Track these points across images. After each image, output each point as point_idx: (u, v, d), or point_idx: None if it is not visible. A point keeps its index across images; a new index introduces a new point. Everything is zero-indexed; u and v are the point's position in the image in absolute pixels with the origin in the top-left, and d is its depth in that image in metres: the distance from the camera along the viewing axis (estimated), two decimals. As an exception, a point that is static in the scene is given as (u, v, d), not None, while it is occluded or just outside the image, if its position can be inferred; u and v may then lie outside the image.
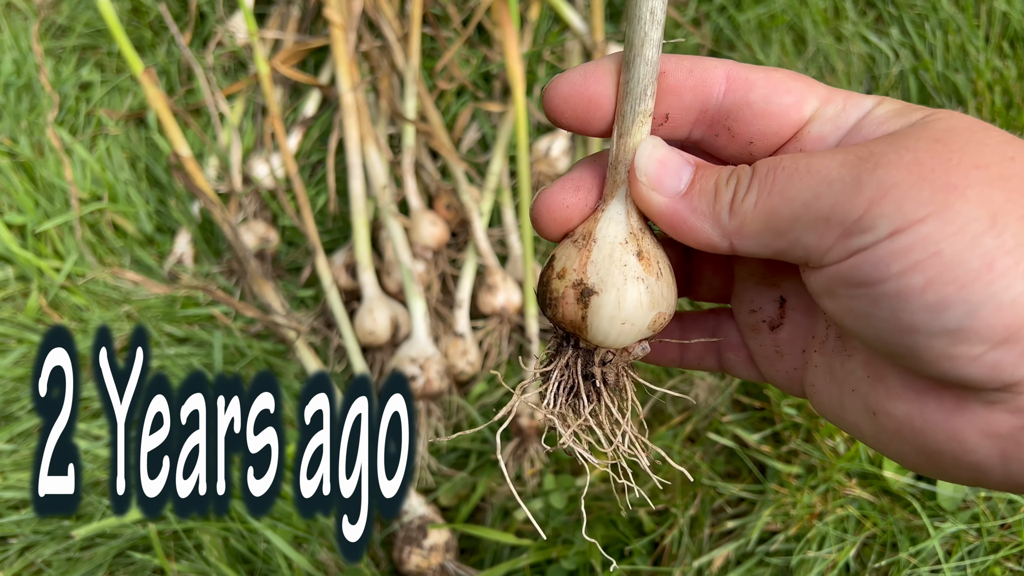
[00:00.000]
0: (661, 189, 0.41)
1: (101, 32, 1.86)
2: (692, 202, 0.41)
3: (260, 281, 1.41)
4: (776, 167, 0.38)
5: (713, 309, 0.52)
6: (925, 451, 0.38)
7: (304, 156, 1.64)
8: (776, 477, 1.13)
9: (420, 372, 1.27)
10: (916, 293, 0.33)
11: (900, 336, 0.35)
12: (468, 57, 1.71)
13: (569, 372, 0.46)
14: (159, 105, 1.42)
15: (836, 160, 0.36)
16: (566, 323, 0.44)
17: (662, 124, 0.43)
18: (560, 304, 0.44)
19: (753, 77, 0.41)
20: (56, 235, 1.55)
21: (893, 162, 0.34)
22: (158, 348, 1.39)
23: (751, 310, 0.48)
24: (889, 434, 0.39)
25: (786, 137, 0.42)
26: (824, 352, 0.44)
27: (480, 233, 1.43)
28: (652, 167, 0.41)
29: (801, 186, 0.36)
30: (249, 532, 1.17)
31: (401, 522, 1.19)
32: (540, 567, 1.13)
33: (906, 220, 0.33)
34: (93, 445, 1.27)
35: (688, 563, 1.08)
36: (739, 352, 0.50)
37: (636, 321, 0.43)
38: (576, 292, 0.43)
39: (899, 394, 0.38)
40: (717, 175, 0.40)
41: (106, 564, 1.17)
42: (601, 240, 0.43)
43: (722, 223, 0.39)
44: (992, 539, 1.04)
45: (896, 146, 0.35)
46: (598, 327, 0.43)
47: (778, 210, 0.37)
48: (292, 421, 1.31)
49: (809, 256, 0.37)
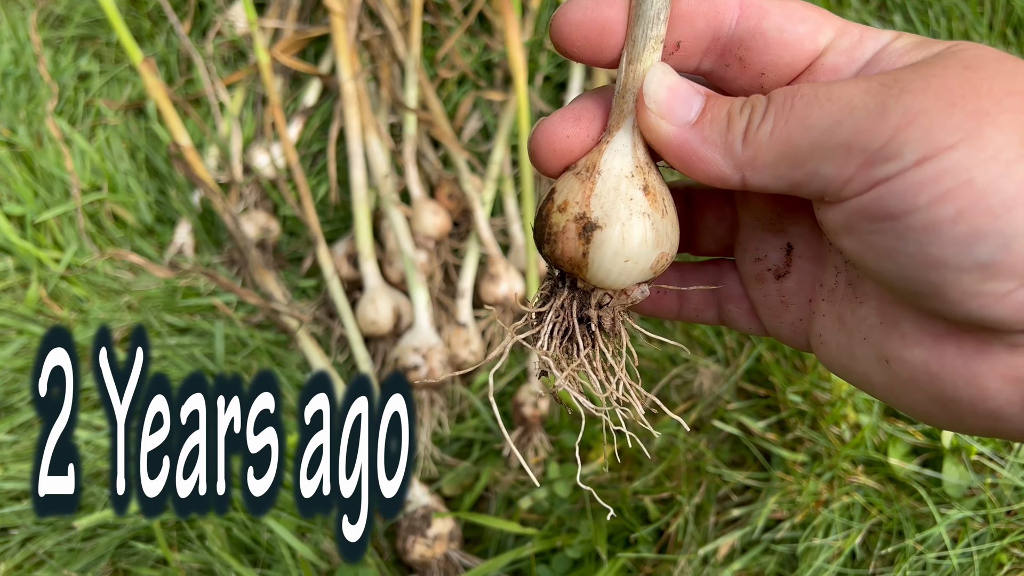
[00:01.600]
0: (671, 117, 0.39)
1: (100, 22, 1.85)
2: (703, 131, 0.39)
3: (261, 271, 1.40)
4: (794, 94, 0.36)
5: (714, 260, 0.50)
6: (941, 399, 0.36)
7: (305, 145, 1.64)
8: (781, 465, 1.13)
9: (423, 362, 1.26)
10: (946, 225, 0.31)
11: (926, 272, 0.33)
12: (469, 45, 1.70)
13: (564, 314, 0.44)
14: (159, 95, 1.41)
15: (859, 87, 0.34)
16: (565, 260, 0.42)
17: (673, 53, 0.41)
18: (560, 239, 0.41)
19: (768, 4, 0.40)
20: (55, 225, 1.54)
21: (920, 88, 0.33)
22: (159, 338, 1.38)
23: (756, 258, 0.46)
24: (903, 383, 0.38)
25: (799, 69, 0.40)
26: (833, 300, 0.42)
27: (482, 222, 1.42)
28: (662, 94, 0.39)
29: (821, 113, 0.35)
30: (252, 522, 1.16)
31: (405, 512, 1.19)
32: (545, 556, 1.13)
33: (935, 147, 0.31)
34: (95, 435, 1.26)
35: (693, 551, 1.08)
36: (741, 304, 0.48)
37: (640, 259, 0.40)
38: (578, 226, 0.41)
39: (915, 340, 0.37)
40: (730, 104, 0.39)
41: (108, 555, 1.17)
42: (606, 172, 0.41)
43: (734, 153, 0.38)
44: (998, 526, 1.03)
45: (923, 73, 0.34)
46: (600, 264, 0.41)
47: (796, 138, 0.35)
48: (292, 410, 1.30)
49: (827, 188, 0.35)
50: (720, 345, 1.24)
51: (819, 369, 1.16)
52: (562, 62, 1.67)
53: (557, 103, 1.65)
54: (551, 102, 1.65)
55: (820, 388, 1.14)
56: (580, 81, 1.59)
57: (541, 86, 1.66)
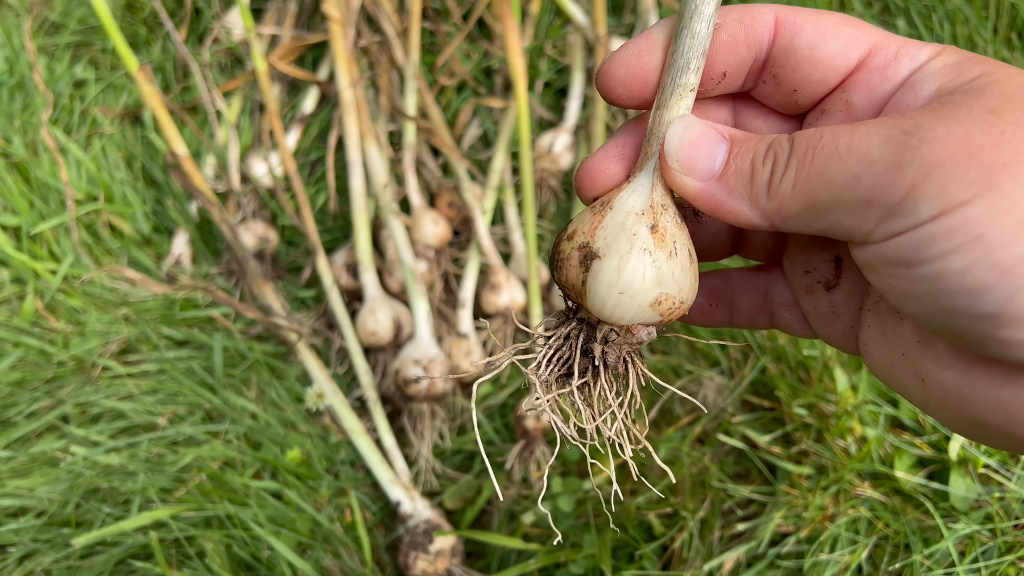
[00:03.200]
0: (694, 173, 0.40)
1: (95, 29, 1.84)
2: (728, 184, 0.39)
3: (260, 282, 1.38)
4: (815, 145, 0.36)
5: (764, 266, 0.51)
6: (973, 421, 0.37)
7: (303, 154, 1.62)
8: (787, 478, 1.12)
9: (424, 373, 1.25)
10: (955, 277, 0.32)
11: (941, 317, 0.34)
12: (469, 52, 1.69)
13: (568, 344, 0.45)
14: (155, 103, 1.40)
15: (879, 136, 0.34)
16: (568, 287, 0.43)
17: (720, 82, 0.42)
18: (564, 266, 0.43)
19: (801, 21, 0.40)
20: (51, 237, 1.53)
21: (940, 138, 0.33)
22: (156, 352, 1.37)
23: (805, 271, 0.47)
24: (937, 401, 0.38)
25: (831, 85, 0.41)
26: (878, 312, 0.42)
27: (483, 231, 1.41)
28: (684, 152, 0.40)
29: (840, 167, 0.35)
30: (252, 539, 1.15)
31: (407, 527, 1.17)
32: (548, 571, 1.12)
33: (949, 203, 0.32)
34: (92, 451, 1.25)
35: (698, 566, 1.07)
36: (793, 311, 0.49)
37: (635, 294, 0.41)
38: (580, 255, 0.42)
39: (947, 363, 0.37)
40: (753, 152, 0.39)
41: (107, 573, 1.16)
42: (617, 207, 0.42)
43: (760, 204, 0.38)
44: (1006, 539, 1.02)
45: (945, 119, 0.33)
46: (595, 293, 0.41)
47: (817, 192, 0.36)
48: (292, 424, 1.29)
49: (851, 236, 0.36)
50: (725, 357, 1.23)
51: (824, 382, 1.15)
52: (562, 68, 1.65)
53: (558, 109, 1.63)
54: (552, 108, 1.64)
55: (826, 400, 1.13)
56: (581, 87, 1.58)
57: (542, 92, 1.64)
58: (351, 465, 1.27)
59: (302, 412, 1.30)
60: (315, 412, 1.30)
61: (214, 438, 1.27)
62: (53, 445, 1.27)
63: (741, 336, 1.23)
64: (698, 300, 0.50)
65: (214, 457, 1.24)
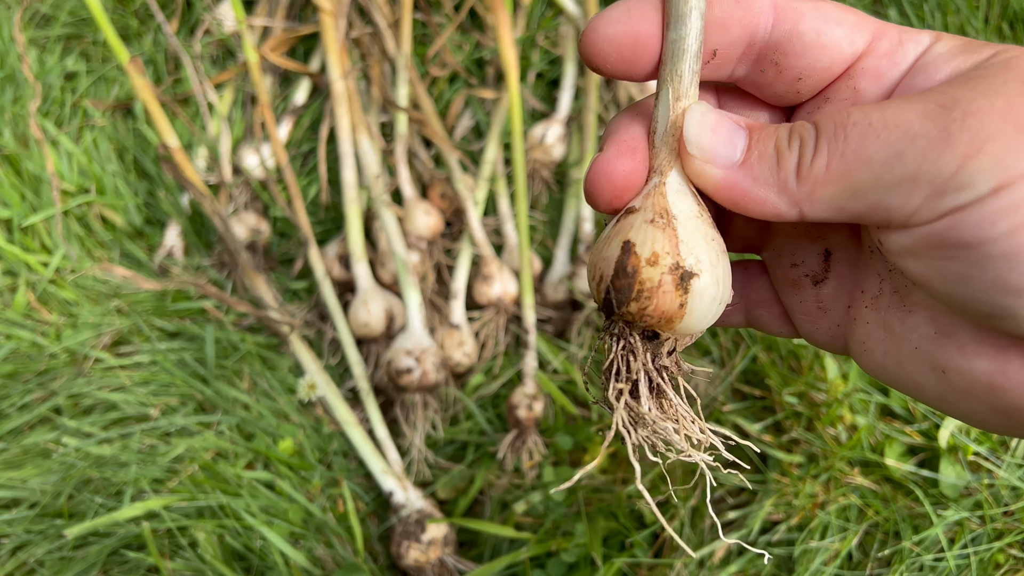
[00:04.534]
0: (716, 160, 0.38)
1: (86, 21, 1.83)
2: (752, 171, 0.37)
3: (252, 273, 1.38)
4: (844, 123, 0.35)
5: (741, 261, 0.48)
6: (1003, 409, 0.35)
7: (295, 145, 1.62)
8: (778, 467, 1.12)
9: (416, 364, 1.25)
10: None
11: (1003, 297, 0.32)
12: (460, 43, 1.69)
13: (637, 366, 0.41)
14: (146, 95, 1.39)
15: (915, 111, 0.33)
16: (657, 315, 0.39)
17: (708, 63, 0.40)
18: (655, 294, 0.38)
19: (802, 7, 0.38)
20: (43, 229, 1.52)
21: (984, 109, 0.31)
22: (148, 343, 1.37)
23: (792, 264, 0.45)
24: (959, 393, 0.37)
25: (837, 72, 0.39)
26: (878, 308, 0.41)
27: (475, 222, 1.41)
28: (704, 138, 0.38)
29: (879, 144, 0.33)
30: (245, 529, 1.15)
31: (399, 516, 1.18)
32: (540, 560, 1.12)
33: (1009, 175, 0.30)
34: (85, 443, 1.25)
35: (689, 555, 1.07)
36: (771, 308, 0.47)
37: (727, 296, 0.40)
38: (675, 277, 0.38)
39: (975, 351, 0.35)
40: (775, 137, 0.37)
41: (100, 563, 1.16)
42: (680, 216, 0.39)
43: (789, 190, 0.36)
44: (995, 526, 1.03)
45: (982, 91, 0.32)
46: (698, 311, 0.39)
47: (855, 172, 0.34)
48: (285, 415, 1.29)
49: (892, 218, 0.34)
50: (715, 346, 1.24)
51: (815, 370, 1.15)
52: (555, 59, 1.65)
53: (550, 100, 1.63)
54: (544, 99, 1.64)
55: (816, 389, 1.14)
56: (573, 78, 1.58)
57: (534, 83, 1.64)
58: (344, 456, 1.27)
59: (295, 403, 1.30)
60: (307, 403, 1.30)
61: (206, 429, 1.27)
62: (45, 437, 1.27)
63: (729, 328, 1.23)
64: None
65: (206, 448, 1.24)
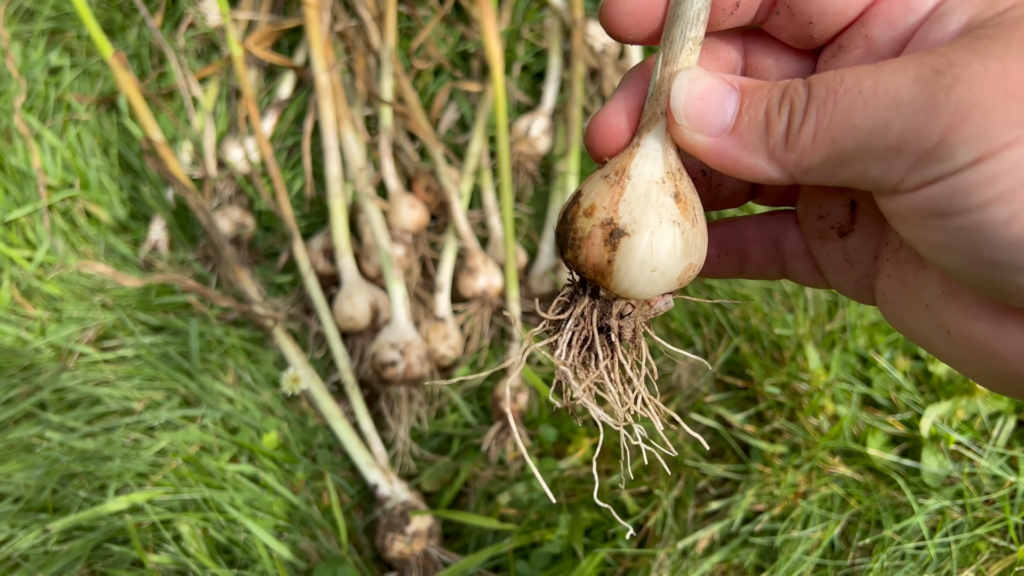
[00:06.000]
0: (705, 128, 0.38)
1: (69, 15, 1.82)
2: (742, 137, 0.37)
3: (236, 267, 1.38)
4: (835, 89, 0.34)
5: (775, 212, 0.48)
6: (1004, 375, 0.35)
7: (279, 139, 1.62)
8: (760, 457, 1.12)
9: (400, 357, 1.25)
10: (999, 227, 0.30)
11: (979, 270, 0.32)
12: (445, 36, 1.68)
13: (584, 323, 0.42)
14: (130, 89, 1.39)
15: (907, 76, 0.32)
16: (588, 267, 0.40)
17: (732, 13, 0.39)
18: (584, 244, 0.39)
19: None
20: (27, 224, 1.52)
21: (976, 75, 0.30)
22: (133, 337, 1.36)
23: (819, 216, 0.44)
24: (963, 355, 0.36)
25: (850, 18, 0.38)
26: (897, 261, 0.40)
27: (460, 215, 1.41)
28: (692, 107, 0.38)
29: (866, 112, 0.32)
30: (229, 522, 1.15)
31: (384, 509, 1.18)
32: (524, 551, 1.12)
33: (991, 145, 0.29)
34: (68, 437, 1.25)
35: (672, 545, 1.07)
36: (805, 260, 0.46)
37: (667, 270, 0.39)
38: (605, 232, 0.39)
39: (976, 314, 0.35)
40: (767, 100, 0.36)
41: (84, 557, 1.15)
42: (636, 177, 0.39)
43: (778, 157, 0.36)
44: (977, 515, 1.03)
45: (980, 54, 0.31)
46: (625, 272, 0.39)
47: (841, 141, 0.33)
48: (269, 408, 1.29)
49: (879, 186, 0.34)
50: (699, 337, 1.24)
51: (797, 360, 1.16)
52: (540, 51, 1.65)
53: (535, 93, 1.63)
54: (529, 92, 1.64)
55: (798, 379, 1.14)
56: (558, 71, 1.58)
57: (519, 76, 1.64)
58: (329, 449, 1.27)
59: (279, 397, 1.30)
60: (292, 396, 1.30)
61: (191, 423, 1.27)
62: (29, 431, 1.27)
63: (714, 317, 1.23)
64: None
65: (190, 442, 1.24)
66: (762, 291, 1.24)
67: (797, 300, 1.21)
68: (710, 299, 0.52)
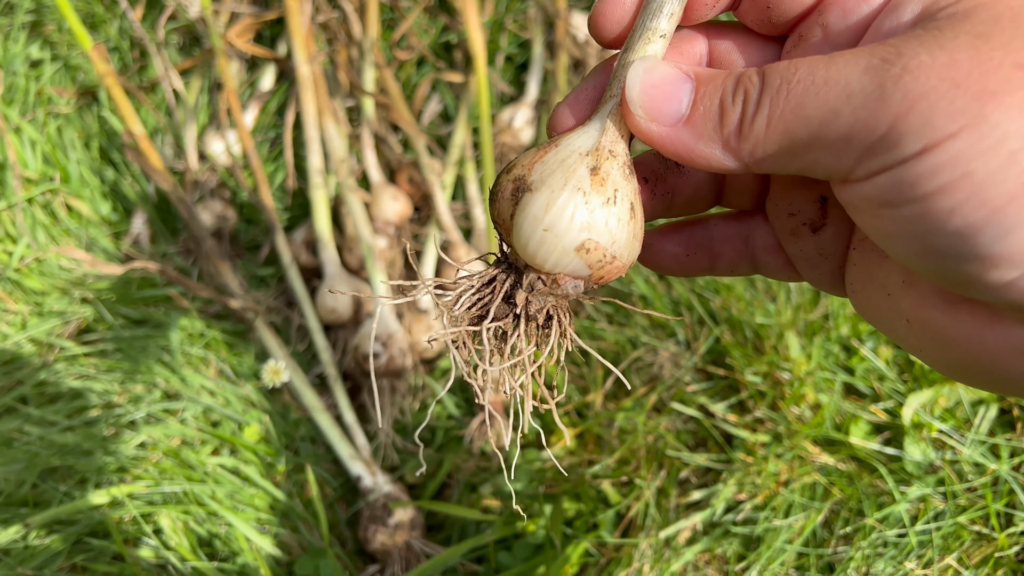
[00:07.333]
0: (660, 117, 0.38)
1: (50, 8, 1.81)
2: (696, 127, 0.37)
3: (217, 260, 1.37)
4: (789, 79, 0.34)
5: (744, 211, 0.48)
6: (958, 363, 0.35)
7: (261, 131, 1.61)
8: (742, 446, 1.12)
9: (383, 350, 1.24)
10: (943, 217, 0.30)
11: (926, 258, 0.32)
12: (427, 26, 1.67)
13: (492, 287, 0.42)
14: (110, 82, 1.37)
15: (858, 67, 0.32)
16: (499, 221, 0.41)
17: (714, 6, 0.40)
18: (498, 198, 0.40)
19: None
20: (7, 218, 1.51)
21: (924, 66, 0.30)
22: (113, 331, 1.36)
23: (790, 213, 0.44)
24: (920, 343, 0.37)
25: (806, 5, 0.38)
26: (863, 251, 0.40)
27: (443, 207, 1.40)
28: (646, 96, 0.38)
29: (817, 102, 0.33)
30: (210, 515, 1.14)
31: (367, 501, 1.17)
32: (507, 541, 1.12)
33: (935, 136, 0.30)
34: (48, 431, 1.24)
35: (655, 534, 1.07)
36: (776, 256, 0.46)
37: (560, 233, 0.38)
38: (514, 187, 0.40)
39: (932, 303, 0.35)
40: (721, 90, 0.36)
41: (65, 551, 1.15)
42: (563, 145, 0.40)
43: (732, 147, 0.36)
44: (958, 502, 1.03)
45: (929, 46, 0.31)
46: (520, 227, 0.39)
47: (793, 130, 0.33)
48: (251, 401, 1.29)
49: (831, 175, 0.34)
50: (680, 328, 1.23)
51: (779, 349, 1.15)
52: (523, 42, 1.64)
53: (518, 84, 1.62)
54: (512, 83, 1.63)
55: (779, 368, 1.14)
56: (541, 62, 1.57)
57: (502, 67, 1.63)
58: (311, 441, 1.27)
59: (261, 390, 1.30)
60: (274, 389, 1.29)
61: (172, 416, 1.26)
62: (9, 426, 1.26)
63: (695, 309, 1.23)
64: (674, 250, 0.48)
65: (171, 435, 1.23)
66: (744, 280, 1.24)
67: (779, 289, 1.21)
68: (677, 297, 0.51)
